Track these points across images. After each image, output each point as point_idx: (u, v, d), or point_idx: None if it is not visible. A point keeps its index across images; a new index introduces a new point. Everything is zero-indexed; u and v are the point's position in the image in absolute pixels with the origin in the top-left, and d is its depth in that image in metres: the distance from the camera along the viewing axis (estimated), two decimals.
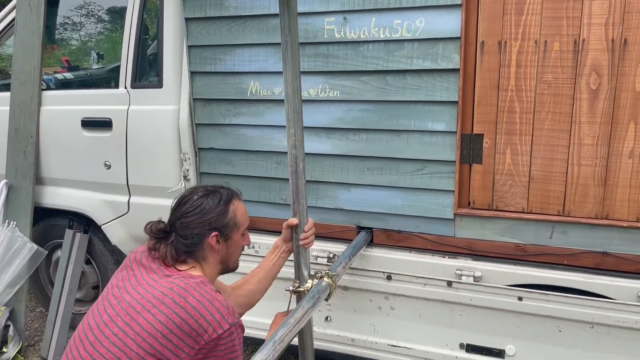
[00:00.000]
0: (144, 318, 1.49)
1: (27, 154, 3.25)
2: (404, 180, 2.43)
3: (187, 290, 1.54)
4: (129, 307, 1.53)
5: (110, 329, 1.50)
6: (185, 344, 1.48)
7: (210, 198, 1.70)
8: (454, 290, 2.38)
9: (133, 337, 1.47)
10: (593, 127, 2.13)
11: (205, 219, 1.66)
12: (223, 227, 1.69)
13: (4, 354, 3.10)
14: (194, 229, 1.65)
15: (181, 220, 1.67)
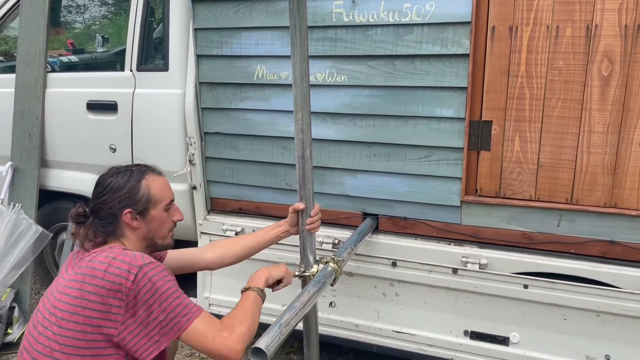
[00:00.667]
0: (62, 302, 1.53)
1: (32, 137, 3.25)
2: (411, 167, 2.42)
3: (93, 260, 1.57)
4: (50, 305, 1.57)
5: (38, 328, 1.57)
6: (111, 305, 1.49)
7: (119, 176, 1.71)
8: (459, 278, 2.37)
9: (57, 323, 1.52)
10: (604, 114, 2.10)
11: (115, 196, 1.67)
12: (135, 203, 1.69)
13: (10, 335, 3.12)
14: (106, 208, 1.67)
15: (94, 201, 1.69)
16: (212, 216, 2.86)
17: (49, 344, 1.52)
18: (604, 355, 2.24)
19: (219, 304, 2.85)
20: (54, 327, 1.53)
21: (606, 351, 2.23)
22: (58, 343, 1.51)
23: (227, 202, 2.84)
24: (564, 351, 2.29)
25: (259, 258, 2.58)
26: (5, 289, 3.19)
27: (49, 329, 1.54)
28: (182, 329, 1.54)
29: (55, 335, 1.52)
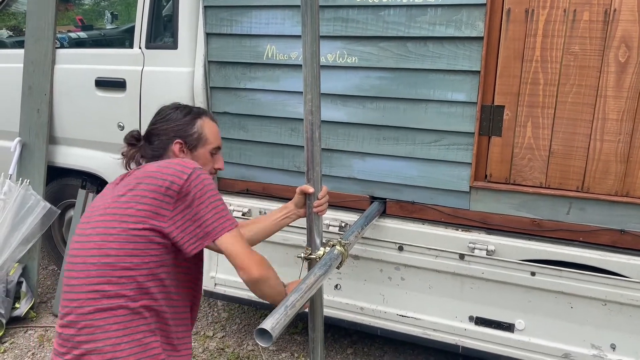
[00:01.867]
0: (115, 204, 1.57)
1: (40, 112, 3.24)
2: (420, 151, 2.39)
3: (145, 167, 1.63)
4: (98, 214, 1.59)
5: (87, 231, 1.58)
6: (161, 202, 1.53)
7: (179, 110, 1.78)
8: (466, 263, 2.36)
9: (110, 219, 1.55)
10: (619, 101, 2.07)
11: (170, 126, 1.74)
12: (187, 136, 1.75)
13: (17, 309, 3.16)
14: (159, 135, 1.74)
15: (150, 128, 1.77)
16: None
17: (100, 238, 1.54)
18: (609, 344, 2.23)
19: (225, 284, 2.86)
20: (106, 223, 1.55)
21: (612, 340, 2.22)
22: (111, 234, 1.53)
23: (235, 182, 2.84)
24: (569, 339, 2.28)
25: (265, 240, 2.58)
26: (13, 264, 3.22)
27: (100, 227, 1.56)
28: (225, 229, 1.59)
29: (108, 229, 1.54)
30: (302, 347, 2.97)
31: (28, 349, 2.94)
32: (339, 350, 2.95)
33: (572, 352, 2.28)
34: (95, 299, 1.50)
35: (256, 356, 2.90)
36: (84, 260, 1.53)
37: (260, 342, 1.54)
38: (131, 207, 1.54)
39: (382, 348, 2.96)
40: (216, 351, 2.95)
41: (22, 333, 3.07)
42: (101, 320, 1.49)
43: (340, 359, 2.89)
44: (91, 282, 1.51)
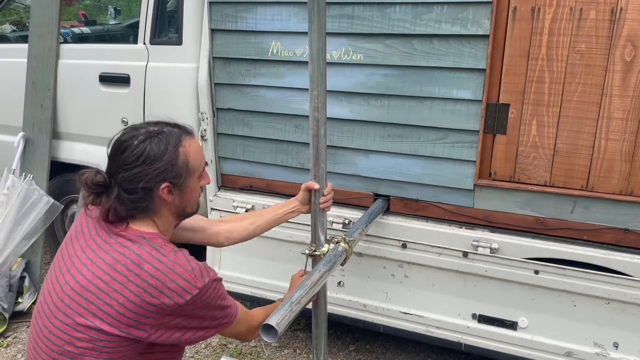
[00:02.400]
0: (96, 306, 1.36)
1: (44, 108, 3.24)
2: (425, 149, 2.39)
3: (142, 258, 1.38)
4: (77, 294, 1.38)
5: (61, 317, 1.39)
6: (147, 317, 1.36)
7: (154, 143, 1.41)
8: (470, 261, 2.36)
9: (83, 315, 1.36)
10: (624, 100, 2.06)
11: (152, 169, 1.39)
12: (175, 176, 1.44)
13: (20, 304, 3.16)
14: (139, 182, 1.39)
15: (122, 172, 1.39)
16: (223, 193, 2.86)
17: (63, 324, 1.38)
18: (612, 342, 2.23)
19: (228, 280, 2.86)
20: (74, 306, 1.37)
21: (615, 339, 2.23)
22: (76, 327, 1.37)
23: (238, 179, 2.84)
24: (572, 337, 2.29)
25: (269, 236, 2.59)
26: (16, 259, 3.22)
27: (67, 307, 1.38)
28: (220, 327, 1.55)
29: (73, 316, 1.36)
30: (305, 343, 2.98)
31: None
32: (342, 347, 2.96)
33: (574, 351, 2.28)
34: None
35: (258, 352, 2.91)
36: (47, 332, 1.40)
37: (265, 338, 1.55)
38: (109, 303, 1.34)
39: (385, 345, 2.97)
40: (219, 347, 2.95)
41: (24, 328, 3.08)
42: None
43: (343, 355, 2.89)
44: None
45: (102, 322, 1.34)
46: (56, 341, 1.38)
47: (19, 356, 2.83)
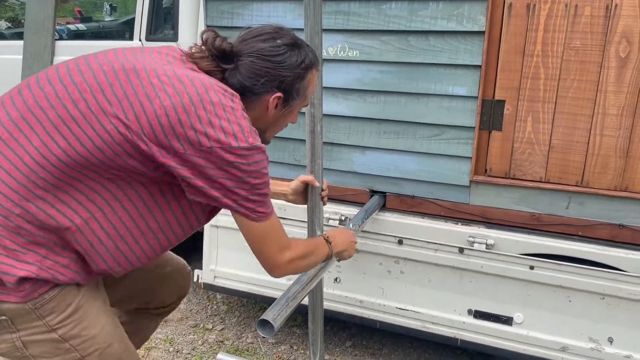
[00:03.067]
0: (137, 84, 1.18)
1: None
2: (421, 145, 2.40)
3: (211, 86, 1.22)
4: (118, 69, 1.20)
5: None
6: (184, 141, 1.17)
7: (295, 52, 1.35)
8: (466, 257, 2.37)
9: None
10: (619, 96, 2.07)
11: (279, 73, 1.33)
12: (290, 92, 1.37)
13: None
14: (262, 76, 1.31)
15: (252, 57, 1.31)
16: None
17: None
18: (607, 337, 2.25)
19: (224, 277, 2.86)
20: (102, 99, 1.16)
21: (610, 334, 2.24)
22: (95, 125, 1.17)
23: None
24: (567, 332, 2.30)
25: None
26: None
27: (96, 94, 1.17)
28: (250, 205, 1.28)
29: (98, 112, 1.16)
30: (302, 339, 2.99)
31: None
32: (338, 343, 2.97)
33: (569, 345, 2.30)
34: None
35: (255, 349, 2.92)
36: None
37: (262, 333, 1.55)
38: (141, 112, 1.15)
39: (381, 341, 2.98)
40: (215, 344, 2.96)
41: None
42: None
43: (340, 351, 2.90)
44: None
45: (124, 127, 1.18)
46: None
47: None
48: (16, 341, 1.23)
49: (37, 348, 1.24)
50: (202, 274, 2.88)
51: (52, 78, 1.22)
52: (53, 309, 1.23)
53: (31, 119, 1.17)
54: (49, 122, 1.16)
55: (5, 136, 1.18)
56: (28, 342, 1.23)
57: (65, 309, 1.24)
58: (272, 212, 1.36)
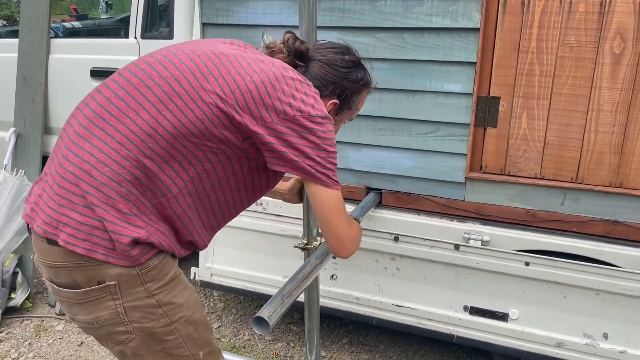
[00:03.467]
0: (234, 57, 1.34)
1: (35, 103, 3.23)
2: (416, 142, 2.40)
3: (289, 67, 1.40)
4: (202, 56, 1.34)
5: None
6: (269, 108, 1.31)
7: (357, 70, 1.56)
8: (461, 254, 2.38)
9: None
10: (613, 93, 2.08)
11: (342, 83, 1.52)
12: (345, 102, 1.55)
13: (13, 299, 3.16)
14: (329, 82, 1.50)
15: (323, 63, 1.50)
16: None
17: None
18: (602, 333, 2.26)
19: (221, 274, 2.87)
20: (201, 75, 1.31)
21: (604, 329, 2.25)
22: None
23: None
24: (562, 328, 2.31)
25: (262, 230, 2.60)
26: (8, 255, 3.21)
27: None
28: (326, 184, 1.39)
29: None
30: (298, 336, 2.99)
31: (24, 338, 2.94)
32: (335, 340, 2.98)
33: (565, 341, 2.31)
34: None
35: (252, 346, 2.92)
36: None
37: (257, 331, 1.55)
38: (236, 88, 1.29)
39: (378, 338, 2.99)
40: None
41: (18, 323, 3.08)
42: None
43: (336, 348, 2.91)
44: None
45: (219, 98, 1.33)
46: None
47: (12, 351, 2.83)
48: (119, 307, 1.29)
49: (134, 314, 1.31)
50: (199, 272, 2.89)
51: (152, 62, 1.34)
52: (155, 275, 1.31)
53: (138, 96, 1.29)
54: (156, 98, 1.28)
55: (116, 112, 1.29)
56: (129, 308, 1.30)
57: (163, 277, 1.33)
58: (337, 183, 1.44)
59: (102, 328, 1.32)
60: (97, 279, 1.26)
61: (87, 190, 1.23)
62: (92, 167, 1.24)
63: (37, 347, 2.88)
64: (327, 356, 2.84)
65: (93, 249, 1.24)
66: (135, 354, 1.36)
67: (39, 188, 1.35)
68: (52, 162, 1.33)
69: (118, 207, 1.24)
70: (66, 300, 1.32)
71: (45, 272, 1.34)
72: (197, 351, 1.41)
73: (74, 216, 1.23)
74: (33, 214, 1.32)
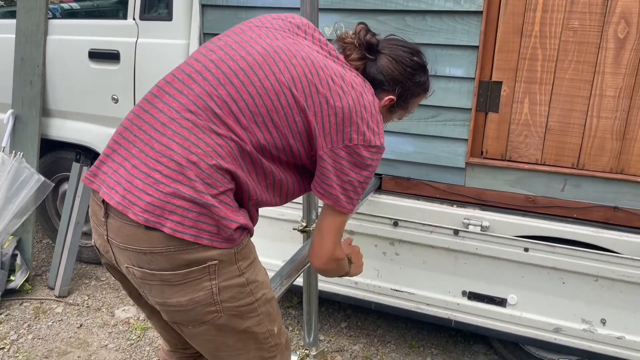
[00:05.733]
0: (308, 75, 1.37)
1: (33, 84, 3.20)
2: (417, 127, 2.39)
3: (365, 91, 1.44)
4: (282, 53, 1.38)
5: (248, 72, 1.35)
6: (337, 131, 1.38)
7: (423, 74, 1.59)
8: (460, 239, 2.38)
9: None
10: (617, 78, 2.06)
11: (404, 82, 1.53)
12: (402, 101, 1.57)
13: (12, 282, 3.16)
14: (392, 77, 1.52)
15: (392, 58, 1.52)
16: None
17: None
18: (600, 319, 2.26)
19: None
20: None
21: (602, 315, 2.26)
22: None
23: None
24: (560, 314, 2.31)
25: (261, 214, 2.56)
26: (7, 237, 3.21)
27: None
28: (337, 205, 1.44)
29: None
30: (297, 320, 3.00)
31: (24, 320, 2.95)
32: (334, 324, 2.99)
33: (563, 327, 2.31)
34: None
35: None
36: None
37: None
38: (319, 111, 1.36)
39: (376, 322, 3.00)
40: None
41: (17, 305, 3.08)
42: None
43: (335, 332, 2.92)
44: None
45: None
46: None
47: (12, 332, 2.83)
48: (214, 287, 1.31)
49: (226, 293, 1.33)
50: None
51: (257, 58, 1.37)
52: (245, 254, 1.36)
53: (240, 101, 1.32)
54: (256, 110, 1.33)
55: (218, 111, 1.31)
56: (222, 288, 1.32)
57: (249, 255, 1.38)
58: (350, 209, 1.47)
59: (193, 310, 1.32)
60: (199, 260, 1.27)
61: (194, 179, 1.25)
62: (199, 159, 1.26)
63: (36, 329, 2.88)
64: (325, 340, 2.85)
65: (200, 234, 1.25)
66: (218, 333, 1.38)
67: (117, 164, 1.32)
68: (139, 141, 1.31)
69: (221, 197, 1.28)
70: (159, 284, 1.30)
71: (130, 258, 1.31)
72: (272, 327, 1.46)
73: (180, 204, 1.24)
74: (113, 192, 1.29)
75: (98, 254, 1.46)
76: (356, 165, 1.40)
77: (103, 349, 2.74)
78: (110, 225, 1.31)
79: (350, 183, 1.41)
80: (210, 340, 1.39)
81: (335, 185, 1.41)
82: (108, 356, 2.69)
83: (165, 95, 1.34)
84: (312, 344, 2.35)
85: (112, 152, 1.33)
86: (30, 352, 2.70)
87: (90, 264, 3.53)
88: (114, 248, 1.33)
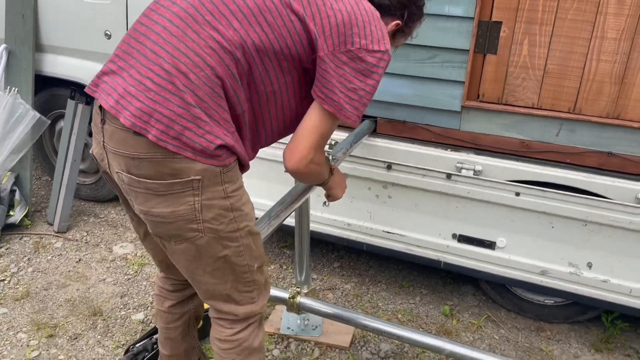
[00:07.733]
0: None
1: (25, 18, 3.13)
2: (414, 69, 2.34)
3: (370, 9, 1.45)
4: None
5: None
6: (335, 38, 1.37)
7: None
8: (453, 183, 2.38)
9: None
10: (619, 19, 2.00)
11: (410, 7, 1.57)
12: (406, 25, 1.60)
13: (12, 217, 3.21)
14: (399, 1, 1.55)
15: None
16: None
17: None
18: (586, 262, 2.30)
19: None
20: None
21: (589, 259, 2.29)
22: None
23: None
24: (547, 257, 2.35)
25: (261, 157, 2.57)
26: (5, 173, 3.23)
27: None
28: (339, 113, 1.41)
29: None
30: (291, 259, 3.06)
31: (24, 254, 3.02)
32: (327, 264, 3.05)
33: (549, 269, 2.35)
34: None
35: None
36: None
37: None
38: (319, 14, 1.36)
39: (368, 263, 3.06)
40: None
41: (17, 239, 3.15)
42: None
43: (327, 272, 2.98)
44: None
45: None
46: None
47: (12, 265, 2.91)
48: (196, 203, 1.33)
49: (208, 213, 1.35)
50: None
51: None
52: (231, 177, 1.37)
53: (231, 4, 1.33)
54: (248, 10, 1.33)
55: (209, 17, 1.32)
56: (205, 206, 1.34)
57: (236, 181, 1.39)
58: (355, 120, 1.45)
59: (174, 223, 1.35)
60: (183, 173, 1.30)
61: (183, 90, 1.26)
62: (189, 70, 1.27)
63: (36, 263, 2.95)
64: (318, 279, 2.91)
65: (183, 147, 1.27)
66: (197, 255, 1.41)
67: (115, 74, 1.34)
68: (135, 51, 1.33)
69: (210, 111, 1.29)
70: (144, 192, 1.33)
71: (120, 164, 1.34)
72: (252, 263, 1.48)
73: (167, 114, 1.26)
74: (109, 98, 1.32)
75: (96, 164, 1.49)
76: (361, 73, 1.38)
77: (101, 282, 2.82)
78: (106, 130, 1.36)
79: (355, 91, 1.39)
80: (190, 261, 1.43)
81: (337, 91, 1.38)
82: (106, 289, 2.77)
83: (161, 7, 1.36)
84: (304, 282, 2.40)
85: (112, 64, 1.37)
86: (30, 284, 2.78)
87: (89, 202, 3.57)
88: (108, 154, 1.38)
